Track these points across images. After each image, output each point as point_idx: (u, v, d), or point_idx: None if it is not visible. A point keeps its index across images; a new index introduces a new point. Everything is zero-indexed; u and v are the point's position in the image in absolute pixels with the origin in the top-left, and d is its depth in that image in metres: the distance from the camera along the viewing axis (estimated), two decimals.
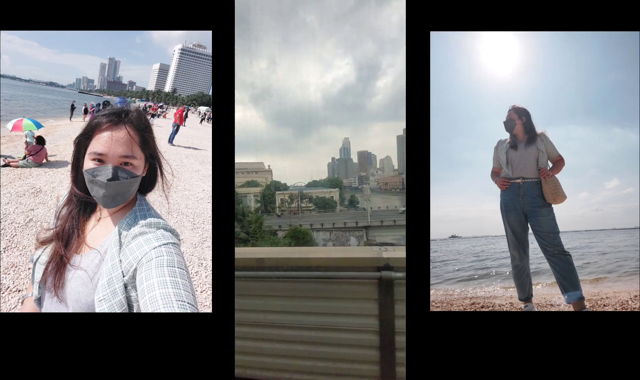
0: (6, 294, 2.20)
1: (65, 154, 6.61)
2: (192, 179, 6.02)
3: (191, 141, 11.23)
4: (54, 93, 42.08)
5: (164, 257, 0.71)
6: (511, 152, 1.84)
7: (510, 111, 1.86)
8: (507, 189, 1.83)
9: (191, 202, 4.58)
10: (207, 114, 26.70)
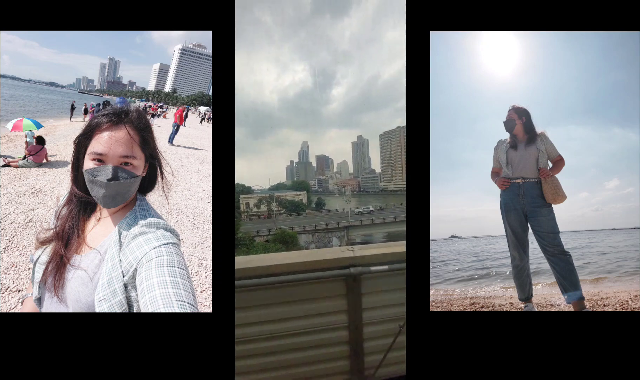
0: (6, 294, 2.20)
1: (65, 154, 6.61)
2: (192, 179, 6.02)
3: (191, 141, 11.22)
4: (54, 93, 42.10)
5: (164, 257, 0.71)
6: (511, 152, 1.84)
7: (510, 111, 1.86)
8: (507, 189, 1.83)
9: (191, 202, 4.58)
10: (207, 114, 26.68)
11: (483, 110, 2.87)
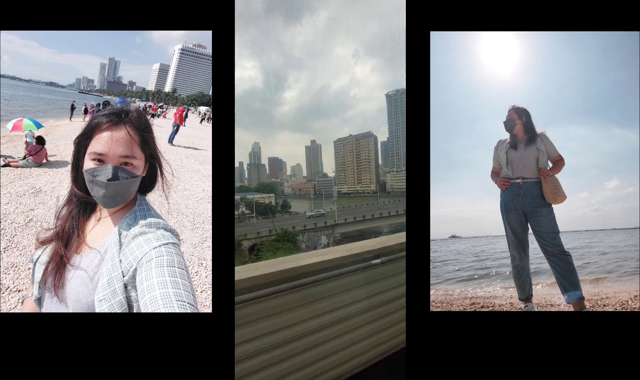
0: (6, 294, 2.20)
1: (65, 154, 6.61)
2: (192, 179, 6.02)
3: (191, 141, 11.23)
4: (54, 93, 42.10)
5: (164, 257, 0.71)
6: (511, 152, 1.84)
7: (510, 111, 1.86)
8: (507, 189, 1.83)
9: (191, 202, 4.58)
10: (207, 114, 26.69)
11: (483, 110, 2.86)
